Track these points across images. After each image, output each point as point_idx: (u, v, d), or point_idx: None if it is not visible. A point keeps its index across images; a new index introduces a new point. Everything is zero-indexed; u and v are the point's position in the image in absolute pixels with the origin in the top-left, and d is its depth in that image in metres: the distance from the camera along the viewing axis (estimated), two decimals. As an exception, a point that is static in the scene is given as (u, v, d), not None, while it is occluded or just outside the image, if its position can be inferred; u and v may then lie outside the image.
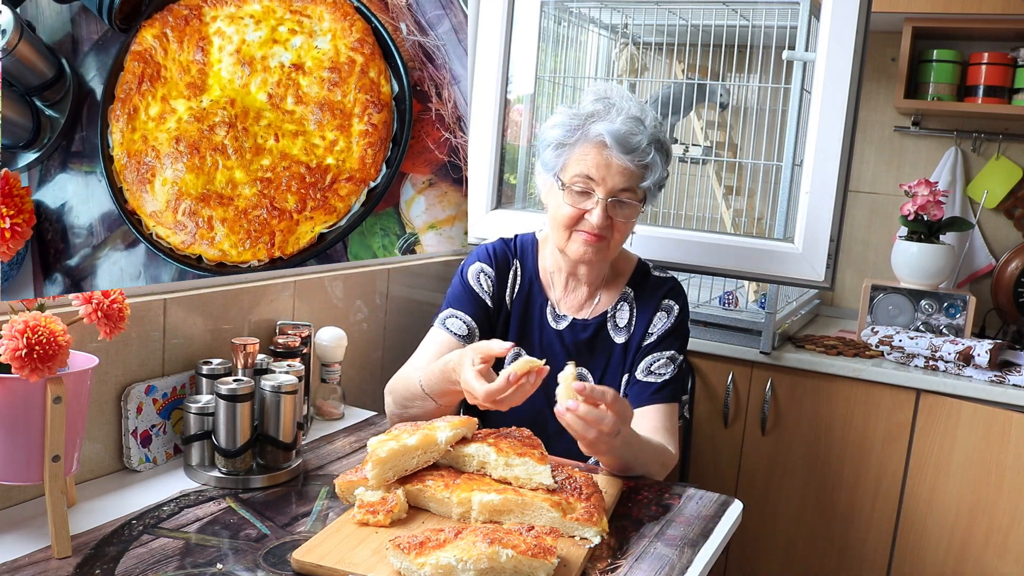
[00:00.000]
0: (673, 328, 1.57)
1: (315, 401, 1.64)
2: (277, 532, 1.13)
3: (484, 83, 2.09)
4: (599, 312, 1.59)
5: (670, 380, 1.53)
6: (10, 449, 1.04)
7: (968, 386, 1.97)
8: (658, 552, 1.14)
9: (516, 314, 1.60)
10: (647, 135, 1.48)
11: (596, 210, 1.47)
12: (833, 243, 1.79)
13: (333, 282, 1.74)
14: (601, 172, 1.46)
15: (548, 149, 1.53)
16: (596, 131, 1.47)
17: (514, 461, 1.20)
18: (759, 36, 2.10)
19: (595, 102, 1.51)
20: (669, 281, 1.62)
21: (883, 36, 2.59)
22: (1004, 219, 2.61)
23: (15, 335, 0.97)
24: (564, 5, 2.24)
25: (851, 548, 2.10)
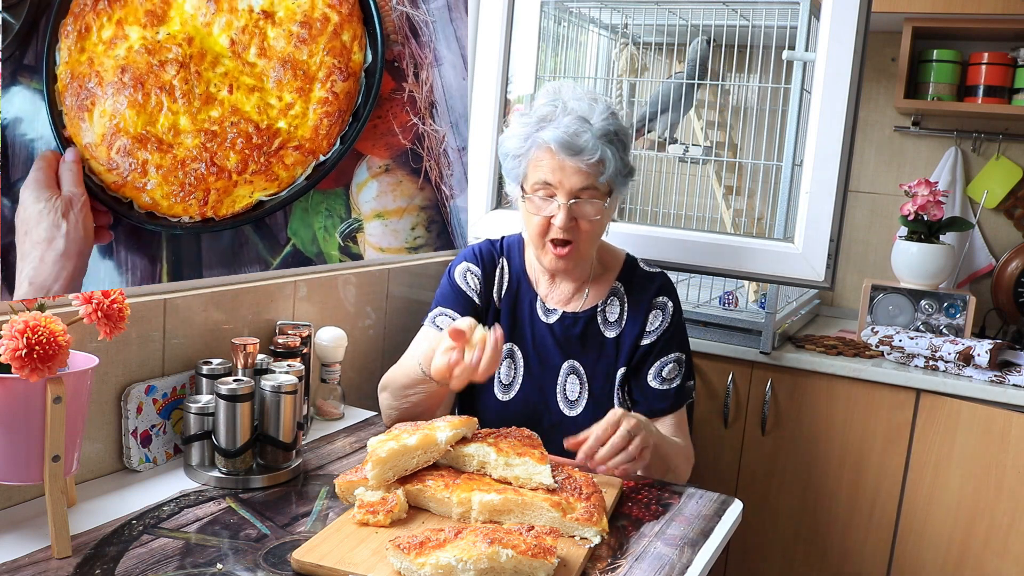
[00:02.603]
0: (671, 327, 1.59)
1: (315, 401, 1.64)
2: (277, 532, 1.13)
3: (484, 83, 2.09)
4: (588, 306, 1.61)
5: (681, 384, 1.58)
6: (10, 449, 1.04)
7: (968, 386, 1.97)
8: (658, 552, 1.14)
9: (505, 311, 1.62)
10: (593, 132, 1.47)
11: (560, 214, 1.48)
12: (833, 243, 1.79)
13: (333, 282, 1.74)
14: (557, 176, 1.47)
15: (507, 159, 1.55)
16: (543, 139, 1.48)
17: (514, 461, 1.20)
18: (759, 36, 2.10)
19: (545, 104, 1.52)
20: (659, 277, 1.64)
21: (883, 36, 2.59)
22: (1004, 219, 2.61)
23: (15, 335, 0.97)
24: (564, 5, 2.24)
25: (851, 548, 2.10)
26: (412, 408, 1.48)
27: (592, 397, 1.57)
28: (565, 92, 1.54)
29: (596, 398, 1.57)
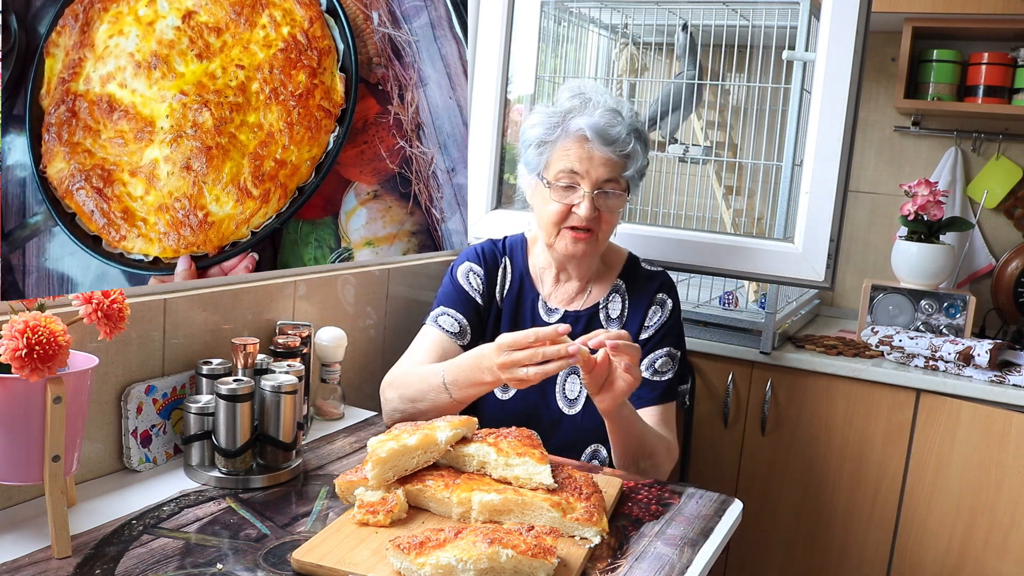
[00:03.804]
0: (669, 323, 1.60)
1: (315, 401, 1.64)
2: (277, 532, 1.13)
3: (484, 83, 2.09)
4: (591, 304, 1.61)
5: (672, 379, 1.58)
6: (10, 449, 1.04)
7: (968, 386, 1.97)
8: (658, 552, 1.14)
9: (507, 311, 1.62)
10: (625, 125, 1.51)
11: (584, 203, 1.49)
12: (833, 243, 1.79)
13: (333, 282, 1.74)
14: (584, 165, 1.49)
15: (530, 148, 1.56)
16: (576, 125, 1.49)
17: (514, 461, 1.20)
18: (759, 36, 2.10)
19: (571, 98, 1.54)
20: (660, 275, 1.65)
21: (883, 36, 2.59)
22: (1004, 219, 2.61)
23: (15, 335, 0.97)
24: (564, 5, 2.24)
25: (851, 548, 2.10)
26: (417, 415, 1.47)
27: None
28: (589, 88, 1.57)
29: None
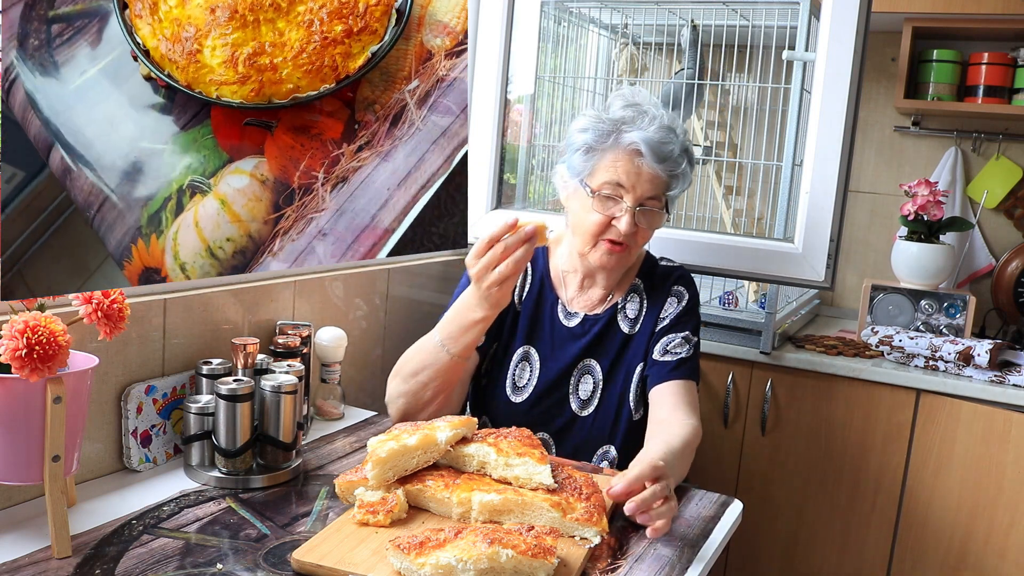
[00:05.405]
0: (685, 311, 1.58)
1: (315, 401, 1.64)
2: (277, 532, 1.13)
3: (484, 83, 2.09)
4: (610, 305, 1.60)
5: (687, 358, 1.53)
6: (10, 449, 1.04)
7: (968, 386, 1.97)
8: (658, 552, 1.14)
9: (525, 313, 1.61)
10: (679, 144, 1.49)
11: (624, 218, 1.47)
12: (833, 243, 1.79)
13: (333, 282, 1.74)
14: (631, 180, 1.47)
15: (577, 153, 1.52)
16: (630, 139, 1.47)
17: (514, 461, 1.20)
18: (759, 36, 2.10)
19: (625, 108, 1.51)
20: (677, 269, 1.64)
21: (883, 36, 2.59)
22: (1004, 219, 2.61)
23: (15, 335, 0.97)
24: (564, 5, 2.24)
25: (851, 548, 2.10)
26: (421, 391, 1.43)
27: (605, 396, 1.56)
28: (643, 98, 1.54)
29: (610, 397, 1.56)
